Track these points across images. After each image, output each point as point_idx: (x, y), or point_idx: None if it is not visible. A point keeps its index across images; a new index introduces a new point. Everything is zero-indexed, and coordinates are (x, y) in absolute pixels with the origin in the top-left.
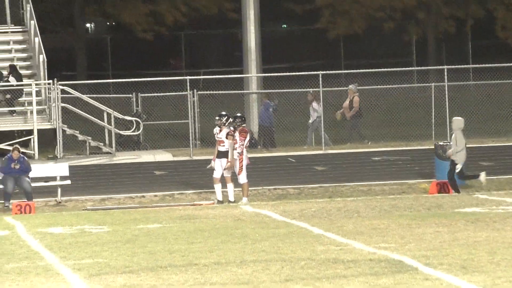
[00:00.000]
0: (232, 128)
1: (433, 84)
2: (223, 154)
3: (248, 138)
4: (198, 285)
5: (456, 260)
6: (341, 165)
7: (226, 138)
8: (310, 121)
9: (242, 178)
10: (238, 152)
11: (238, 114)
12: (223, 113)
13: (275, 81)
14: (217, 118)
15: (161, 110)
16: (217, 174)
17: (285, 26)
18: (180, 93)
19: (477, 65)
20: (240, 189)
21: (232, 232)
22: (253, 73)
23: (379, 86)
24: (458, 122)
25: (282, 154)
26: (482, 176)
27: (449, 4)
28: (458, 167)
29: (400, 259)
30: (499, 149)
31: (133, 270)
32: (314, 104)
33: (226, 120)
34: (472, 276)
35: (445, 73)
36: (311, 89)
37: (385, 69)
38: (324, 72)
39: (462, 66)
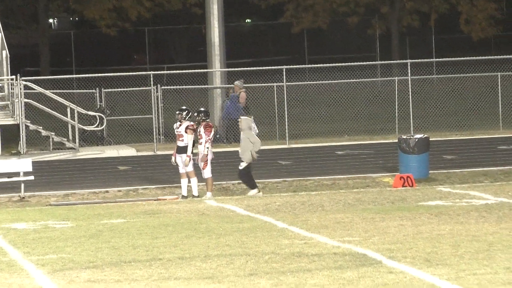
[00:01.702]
0: (192, 123)
1: (396, 78)
2: (182, 149)
3: (213, 132)
4: (163, 280)
5: (420, 253)
6: (305, 159)
7: (185, 132)
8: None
9: (207, 173)
10: (207, 147)
11: (202, 109)
12: (183, 107)
13: (239, 76)
14: (177, 112)
15: (125, 105)
16: (182, 169)
17: (249, 21)
18: (144, 88)
19: (440, 59)
20: (205, 183)
21: (196, 226)
22: (217, 68)
23: (342, 81)
24: (246, 121)
25: None
26: (253, 192)
27: None
28: (242, 165)
29: (364, 252)
30: (462, 143)
31: (97, 265)
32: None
33: (187, 115)
34: (435, 269)
35: (409, 67)
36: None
37: (349, 63)
38: (288, 66)
39: (426, 60)
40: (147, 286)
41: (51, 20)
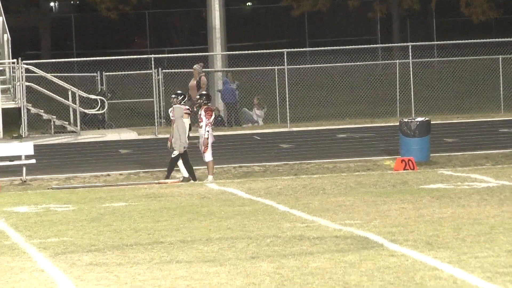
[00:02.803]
0: (187, 107)
1: (397, 61)
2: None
3: (213, 116)
4: (164, 263)
5: (422, 237)
6: (306, 143)
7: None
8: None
9: (208, 156)
10: (207, 131)
11: (204, 92)
12: (179, 91)
13: (240, 59)
14: (173, 96)
15: (126, 89)
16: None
17: (249, 4)
18: (145, 71)
19: (441, 42)
20: (206, 167)
21: (198, 210)
22: (218, 51)
23: (343, 64)
24: (179, 110)
25: (247, 132)
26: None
27: None
28: (175, 153)
29: (365, 235)
30: (463, 126)
31: (99, 248)
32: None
33: (182, 99)
34: (437, 252)
35: (410, 50)
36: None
37: (350, 47)
38: (289, 50)
39: (427, 43)
40: (149, 269)
41: (51, 4)
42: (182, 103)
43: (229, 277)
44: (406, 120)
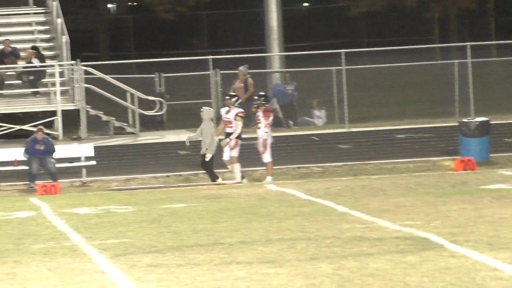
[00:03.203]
0: (241, 110)
1: (456, 61)
2: (230, 135)
3: (271, 117)
4: (224, 264)
5: (482, 237)
6: (365, 143)
7: (234, 119)
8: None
9: (267, 157)
10: (265, 132)
11: (262, 93)
12: (233, 93)
13: (297, 60)
14: (227, 97)
15: (184, 90)
16: (226, 156)
17: (306, 4)
18: (203, 72)
19: (500, 41)
20: (265, 168)
21: (257, 211)
22: (275, 52)
23: (401, 64)
24: (207, 112)
25: (305, 132)
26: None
27: None
28: (208, 157)
29: (425, 236)
30: None
31: (159, 249)
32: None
33: (236, 101)
34: (498, 252)
35: (469, 50)
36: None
37: (407, 47)
38: (347, 50)
39: (485, 42)
40: (209, 271)
41: (109, 5)
42: (236, 104)
43: (288, 278)
44: (465, 120)
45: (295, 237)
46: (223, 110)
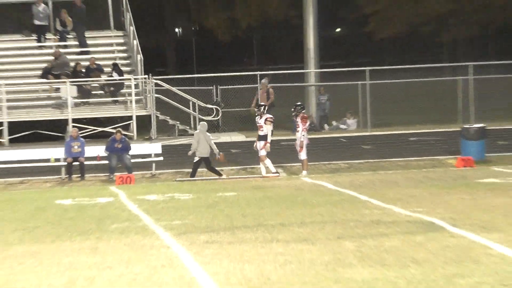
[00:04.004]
0: (270, 116)
1: (460, 77)
2: (262, 137)
3: (308, 122)
4: (267, 242)
5: (477, 221)
6: (383, 144)
7: (264, 123)
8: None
9: (303, 155)
10: (303, 134)
11: (299, 103)
12: (261, 103)
13: (330, 76)
14: (256, 109)
15: (236, 99)
16: (261, 153)
17: (339, 30)
18: (252, 85)
19: (497, 62)
20: (301, 164)
21: (294, 199)
22: (312, 69)
23: (415, 80)
24: (203, 125)
25: (335, 135)
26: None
27: (475, 11)
28: (196, 159)
29: (431, 220)
30: None
31: (214, 229)
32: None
33: (264, 109)
34: (489, 234)
35: (471, 68)
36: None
37: (422, 65)
38: (371, 68)
39: (485, 62)
40: (254, 247)
41: (176, 29)
42: (265, 112)
43: (319, 253)
44: (466, 126)
45: (325, 220)
46: (257, 118)
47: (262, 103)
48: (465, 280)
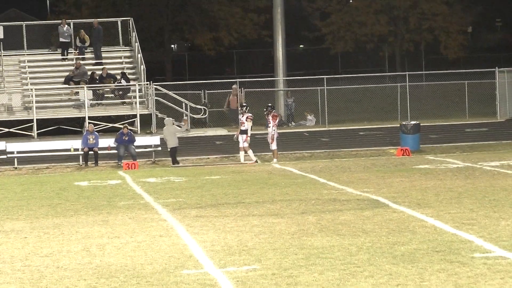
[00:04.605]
0: (250, 114)
1: (399, 84)
2: (243, 132)
3: (278, 119)
4: (244, 216)
5: (413, 199)
6: (339, 137)
7: (246, 120)
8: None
9: (273, 146)
10: (273, 129)
11: (270, 104)
12: (244, 104)
13: (295, 83)
14: (239, 109)
15: (220, 101)
16: (241, 144)
17: (301, 46)
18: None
19: (428, 72)
20: (272, 153)
21: (266, 181)
22: (280, 77)
23: (364, 86)
24: (169, 121)
25: (300, 130)
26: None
27: (409, 32)
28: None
29: (377, 198)
30: (442, 127)
31: (202, 206)
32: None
33: (246, 109)
34: (424, 209)
35: (407, 77)
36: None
37: (368, 74)
38: (328, 76)
39: (418, 72)
40: (235, 220)
41: (172, 46)
42: (246, 111)
43: (287, 225)
44: (404, 123)
45: (291, 199)
46: (240, 116)
47: (245, 104)
48: (405, 247)
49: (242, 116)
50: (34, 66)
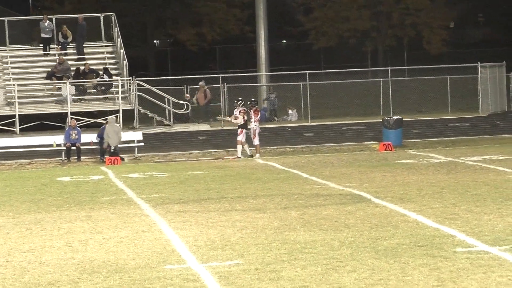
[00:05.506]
0: (244, 108)
1: (381, 79)
2: (241, 126)
3: (259, 115)
4: (227, 211)
5: (396, 194)
6: (321, 132)
7: (239, 114)
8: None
9: (256, 141)
10: (255, 124)
11: (252, 99)
12: (239, 98)
13: (278, 78)
14: (235, 102)
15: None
16: (239, 138)
17: (284, 41)
18: (215, 85)
19: (410, 67)
20: (255, 148)
21: (249, 176)
22: (263, 72)
23: (347, 81)
24: (112, 119)
25: (282, 125)
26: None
27: (392, 27)
28: (112, 148)
29: (359, 193)
30: (424, 122)
31: (185, 201)
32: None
33: (240, 103)
34: (406, 204)
35: (389, 72)
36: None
37: (350, 69)
38: (310, 71)
39: (401, 67)
40: (217, 215)
41: (155, 41)
42: (241, 105)
43: (269, 220)
44: (387, 118)
45: (274, 194)
46: (235, 110)
47: (240, 98)
48: (387, 241)
49: (236, 110)
50: (16, 61)
